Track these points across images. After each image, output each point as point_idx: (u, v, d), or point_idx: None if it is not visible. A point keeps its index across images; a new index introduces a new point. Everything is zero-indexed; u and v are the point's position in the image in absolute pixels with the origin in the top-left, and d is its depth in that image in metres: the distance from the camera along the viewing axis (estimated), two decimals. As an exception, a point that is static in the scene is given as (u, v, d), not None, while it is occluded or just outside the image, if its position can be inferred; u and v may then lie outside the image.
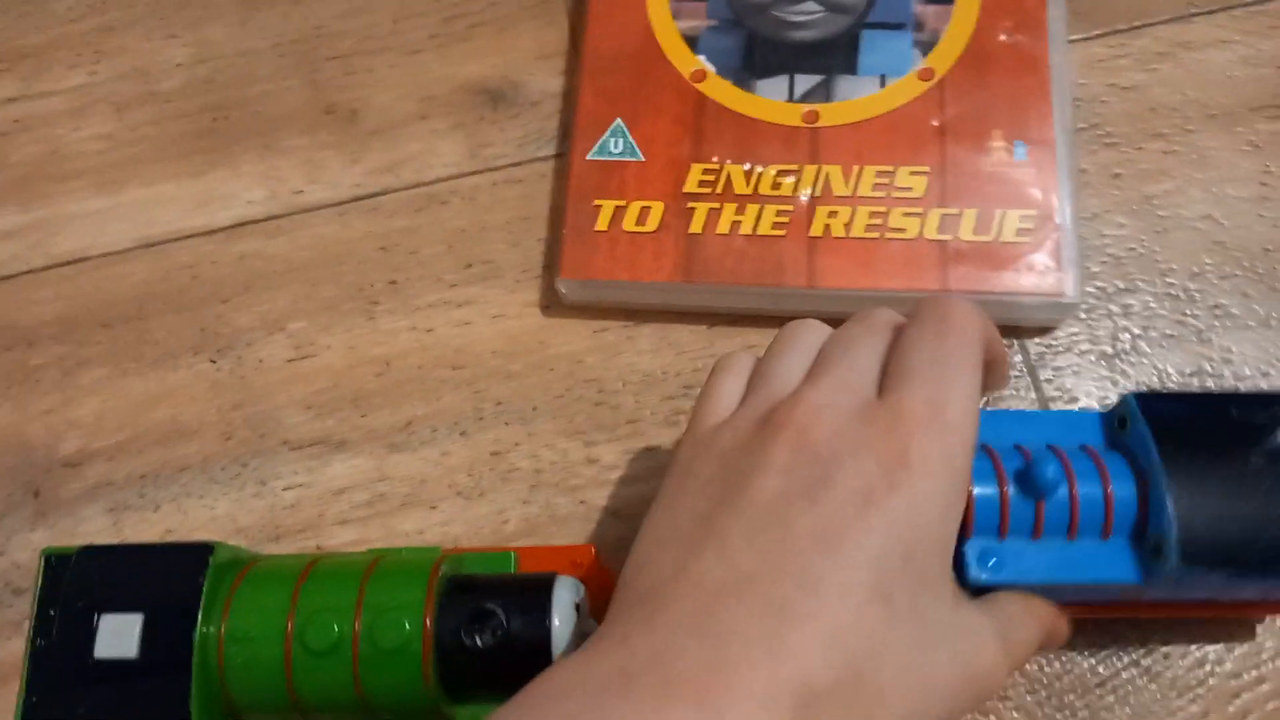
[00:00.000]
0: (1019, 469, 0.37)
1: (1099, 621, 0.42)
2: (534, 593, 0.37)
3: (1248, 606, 0.42)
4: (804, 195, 0.48)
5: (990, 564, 0.37)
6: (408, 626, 0.36)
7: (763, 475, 0.32)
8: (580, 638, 0.37)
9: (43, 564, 0.38)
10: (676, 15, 0.52)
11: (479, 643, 0.36)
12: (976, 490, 0.37)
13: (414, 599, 0.36)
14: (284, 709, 0.37)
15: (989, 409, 0.43)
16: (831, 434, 0.32)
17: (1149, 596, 0.38)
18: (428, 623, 0.36)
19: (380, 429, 0.48)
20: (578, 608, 0.38)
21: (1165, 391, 0.38)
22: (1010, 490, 0.37)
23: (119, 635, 0.37)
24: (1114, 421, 0.39)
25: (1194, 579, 0.35)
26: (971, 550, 0.37)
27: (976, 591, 0.37)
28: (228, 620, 0.37)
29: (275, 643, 0.36)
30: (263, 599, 0.37)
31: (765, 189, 0.48)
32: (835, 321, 0.47)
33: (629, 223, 0.48)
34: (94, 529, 0.47)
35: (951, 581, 0.33)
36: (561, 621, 0.36)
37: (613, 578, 0.43)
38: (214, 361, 0.50)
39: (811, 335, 0.37)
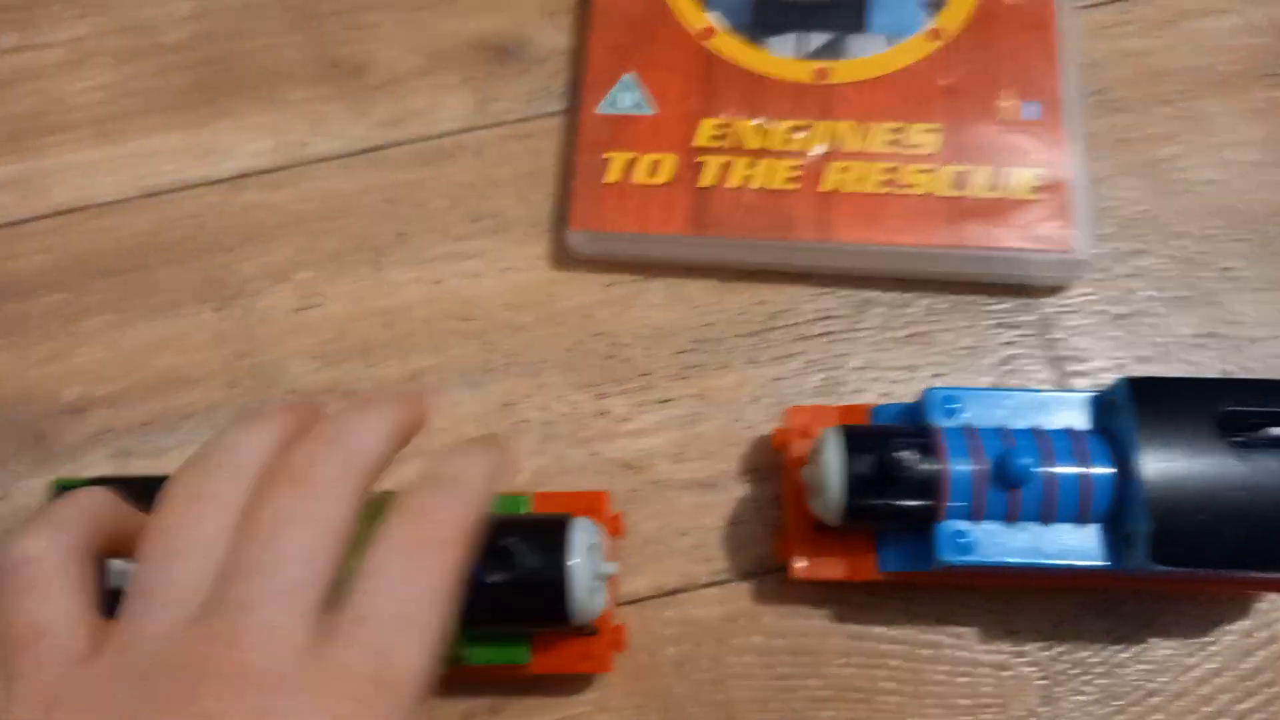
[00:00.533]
0: (999, 455, 0.37)
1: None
2: (550, 532, 0.37)
3: (1249, 583, 0.42)
4: (815, 151, 0.48)
5: (961, 544, 0.37)
6: None
7: None
8: (596, 578, 0.37)
9: (52, 495, 0.37)
10: (687, -27, 0.52)
11: (496, 579, 0.36)
12: (953, 473, 0.37)
13: None
14: None
15: (981, 387, 0.43)
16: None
17: (1133, 575, 0.38)
18: None
19: (388, 380, 0.48)
20: (593, 548, 0.37)
21: (1160, 377, 0.38)
22: (986, 476, 0.37)
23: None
24: (1106, 404, 0.39)
25: (1167, 569, 0.36)
26: (943, 532, 0.37)
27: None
28: None
29: None
30: None
31: (776, 144, 0.48)
32: (843, 279, 0.47)
33: (639, 175, 0.48)
34: (97, 474, 0.46)
35: None
36: (577, 563, 0.36)
37: (623, 524, 0.42)
38: (218, 311, 0.49)
39: (218, 515, 0.28)
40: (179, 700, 0.24)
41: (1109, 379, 0.45)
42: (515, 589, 0.36)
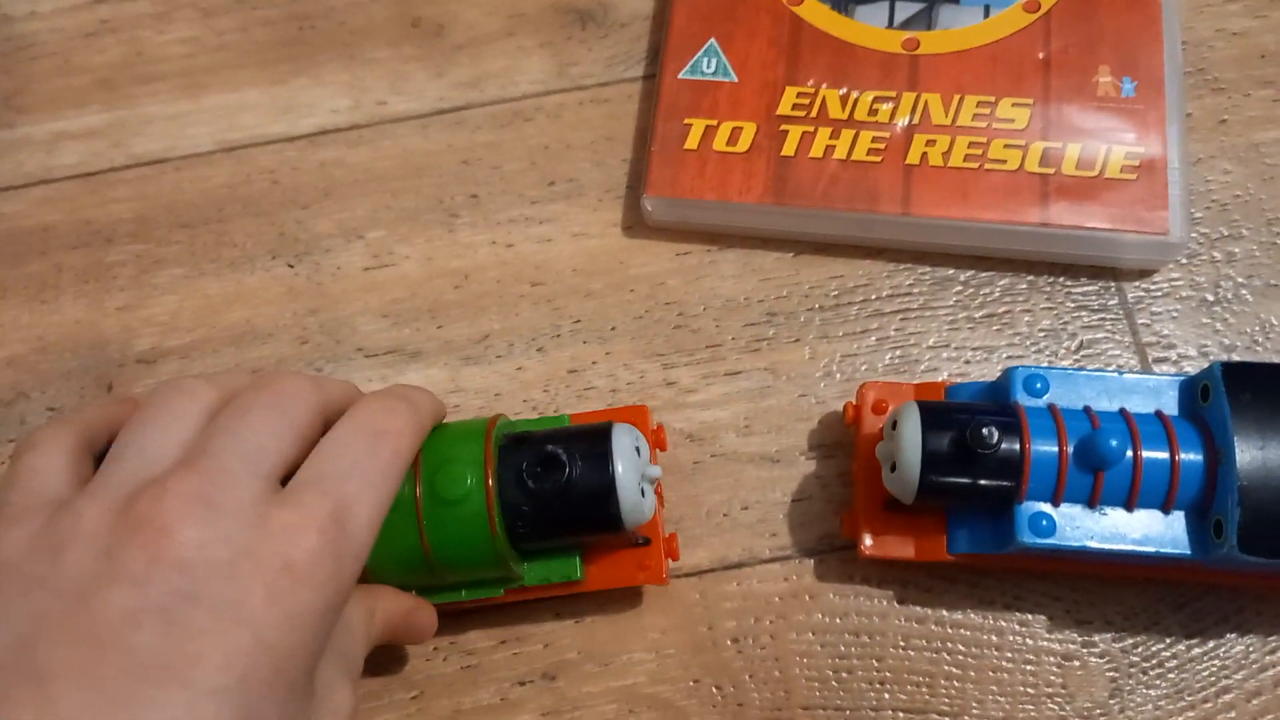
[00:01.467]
0: (1083, 436, 0.36)
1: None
2: (593, 439, 0.37)
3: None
4: (901, 123, 0.47)
5: (1042, 527, 0.36)
6: (469, 480, 0.35)
7: (109, 588, 0.26)
8: (643, 481, 0.37)
9: None
10: (774, -61, 0.51)
11: (543, 486, 0.35)
12: (1035, 452, 0.36)
13: (473, 451, 0.36)
14: None
15: (1065, 367, 0.41)
16: (205, 537, 0.27)
17: (1216, 567, 0.37)
18: (489, 473, 0.35)
19: (456, 341, 0.47)
20: (638, 451, 0.37)
21: (1256, 363, 0.37)
22: (1070, 457, 0.36)
23: None
24: (1197, 389, 0.38)
25: (1256, 560, 0.34)
26: (1022, 514, 0.36)
27: None
28: None
29: None
30: None
31: (861, 115, 0.47)
32: (922, 255, 0.46)
33: (719, 143, 0.47)
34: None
35: (314, 668, 0.30)
36: (624, 465, 0.36)
37: (665, 436, 0.42)
38: (291, 266, 0.49)
39: (196, 402, 0.32)
40: (149, 526, 0.27)
41: (1193, 367, 0.43)
42: (564, 495, 0.35)
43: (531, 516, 0.36)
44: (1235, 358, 0.45)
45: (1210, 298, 0.46)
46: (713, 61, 0.49)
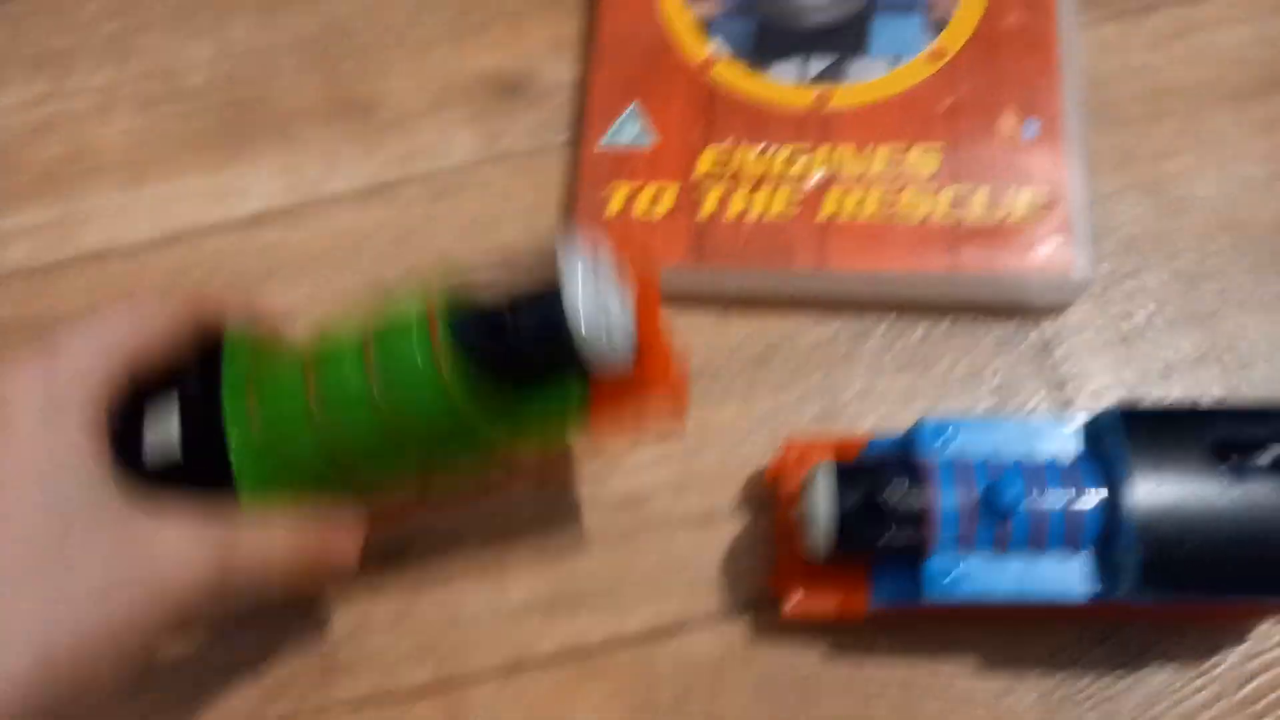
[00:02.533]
0: (986, 486, 0.37)
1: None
2: (539, 257, 0.35)
3: (1244, 609, 0.42)
4: (815, 177, 0.48)
5: (949, 579, 0.37)
6: (414, 315, 0.35)
7: None
8: (604, 294, 0.34)
9: None
10: (689, 1, 0.52)
11: (493, 313, 0.34)
12: (941, 507, 0.37)
13: (416, 306, 0.36)
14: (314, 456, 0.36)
15: (972, 419, 0.43)
16: None
17: (1125, 603, 0.38)
18: (435, 323, 0.34)
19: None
20: (595, 264, 0.34)
21: (1151, 409, 0.38)
22: (973, 508, 0.37)
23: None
24: (1097, 430, 0.39)
25: (1158, 596, 0.36)
26: (931, 567, 0.37)
27: None
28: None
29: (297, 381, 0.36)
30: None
31: (777, 171, 0.49)
32: (842, 306, 0.48)
33: (641, 206, 0.49)
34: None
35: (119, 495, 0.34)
36: (582, 282, 0.33)
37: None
38: (235, 350, 0.51)
39: None
40: None
41: (1111, 398, 0.45)
42: (520, 326, 0.33)
43: (487, 354, 0.34)
44: (1150, 389, 0.46)
45: (1122, 331, 0.47)
46: (632, 127, 0.50)
